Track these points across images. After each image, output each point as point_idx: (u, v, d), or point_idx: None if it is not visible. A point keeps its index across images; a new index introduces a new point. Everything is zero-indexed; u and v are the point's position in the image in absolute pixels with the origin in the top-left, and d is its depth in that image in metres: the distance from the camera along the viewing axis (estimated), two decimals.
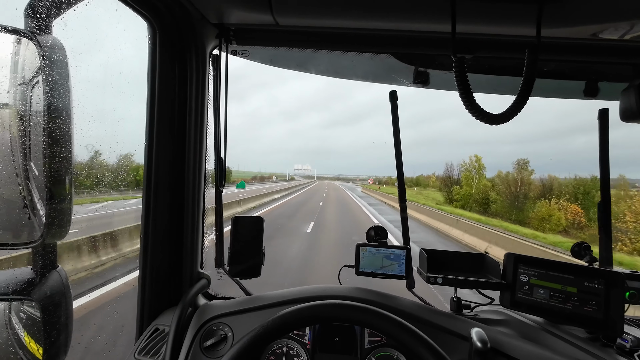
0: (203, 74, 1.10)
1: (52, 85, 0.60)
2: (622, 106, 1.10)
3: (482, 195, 43.34)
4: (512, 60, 1.05)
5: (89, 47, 0.81)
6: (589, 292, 0.91)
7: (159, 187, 1.05)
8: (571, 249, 1.16)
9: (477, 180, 46.95)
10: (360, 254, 1.16)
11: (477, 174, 47.98)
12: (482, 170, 48.32)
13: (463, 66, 0.79)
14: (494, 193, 41.97)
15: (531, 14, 0.78)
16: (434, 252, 1.17)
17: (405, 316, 0.76)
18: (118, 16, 0.85)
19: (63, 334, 0.71)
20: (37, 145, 0.63)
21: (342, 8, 0.88)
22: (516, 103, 0.79)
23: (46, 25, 0.64)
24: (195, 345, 0.99)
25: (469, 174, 48.53)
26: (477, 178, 47.36)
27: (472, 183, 47.05)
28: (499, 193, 41.15)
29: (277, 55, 1.21)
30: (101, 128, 0.96)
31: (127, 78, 1.16)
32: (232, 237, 1.11)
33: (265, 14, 0.92)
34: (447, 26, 0.80)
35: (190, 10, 0.98)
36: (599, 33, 0.88)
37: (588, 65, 1.08)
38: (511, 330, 1.00)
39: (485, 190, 43.77)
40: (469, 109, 0.79)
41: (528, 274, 0.99)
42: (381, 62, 1.15)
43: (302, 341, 1.02)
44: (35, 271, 0.71)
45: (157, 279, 1.09)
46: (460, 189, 47.67)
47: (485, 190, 43.61)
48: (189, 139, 1.09)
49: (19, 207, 0.71)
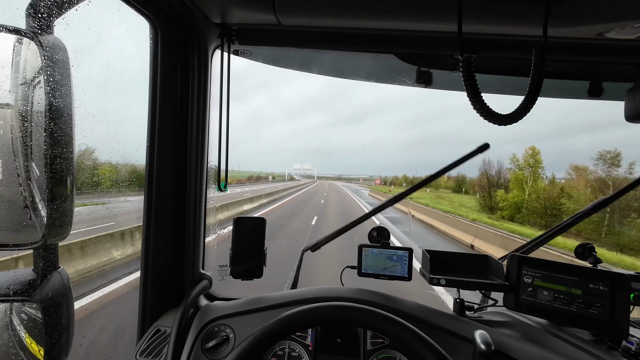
0: (205, 74, 1.10)
1: (53, 85, 0.60)
2: (627, 106, 1.09)
3: (544, 203, 31.05)
4: (516, 60, 1.05)
5: (90, 47, 0.81)
6: (594, 294, 0.90)
7: (160, 187, 1.05)
8: (575, 250, 1.15)
9: (530, 181, 34.80)
10: (363, 255, 1.15)
11: (532, 174, 35.43)
12: (539, 168, 35.32)
13: (471, 66, 0.78)
14: (570, 201, 28.92)
15: (538, 14, 0.77)
16: (437, 253, 1.16)
17: (407, 318, 0.76)
18: (120, 16, 0.85)
19: (64, 335, 0.71)
20: (38, 145, 0.63)
21: (346, 8, 0.87)
22: (525, 103, 0.78)
23: (48, 25, 0.64)
24: (197, 346, 0.99)
25: (519, 174, 35.72)
26: (532, 179, 35.21)
27: (525, 186, 34.63)
28: (576, 201, 28.29)
29: (280, 55, 1.21)
30: (103, 128, 0.96)
31: (128, 78, 1.16)
32: (233, 238, 1.10)
33: (268, 13, 0.91)
34: (451, 26, 0.80)
35: (192, 10, 0.97)
36: (605, 33, 0.87)
37: (593, 65, 1.07)
38: (515, 332, 0.99)
39: (551, 196, 31.24)
40: (478, 110, 0.78)
41: (532, 275, 0.98)
42: (384, 62, 1.15)
43: (304, 343, 1.01)
44: (36, 272, 0.70)
45: (159, 279, 1.08)
46: (506, 193, 35.73)
47: (551, 197, 30.94)
48: (190, 139, 1.09)
49: (20, 207, 0.70)
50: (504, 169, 41.35)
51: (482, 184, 42.53)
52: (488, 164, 43.14)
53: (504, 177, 41.20)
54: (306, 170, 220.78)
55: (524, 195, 33.14)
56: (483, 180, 43.03)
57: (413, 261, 1.14)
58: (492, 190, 39.00)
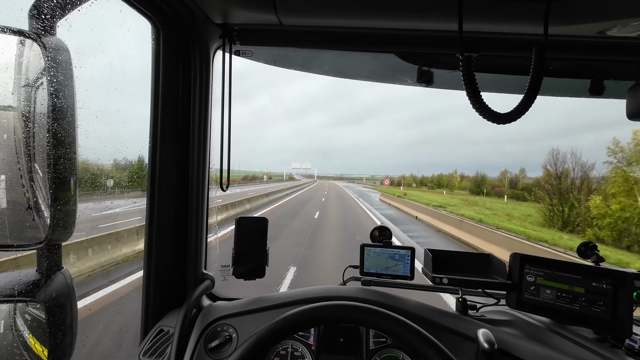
0: (207, 74, 1.10)
1: (56, 86, 0.60)
2: (628, 105, 1.08)
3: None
4: (516, 59, 1.04)
5: (93, 48, 0.81)
6: (597, 292, 0.90)
7: (163, 188, 1.05)
8: (577, 248, 1.14)
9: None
10: (365, 254, 1.15)
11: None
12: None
13: (471, 65, 0.78)
14: None
15: (538, 12, 0.77)
16: (439, 252, 1.16)
17: (410, 317, 0.76)
18: (122, 17, 0.85)
19: (68, 336, 0.71)
20: (41, 146, 0.63)
21: (347, 7, 0.88)
22: (524, 102, 0.78)
23: (50, 27, 0.64)
24: (200, 346, 0.99)
25: (626, 174, 22.12)
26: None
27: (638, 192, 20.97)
28: None
29: (280, 55, 1.21)
30: (105, 129, 0.96)
31: (131, 79, 1.16)
32: (236, 238, 1.11)
33: (269, 13, 0.91)
34: (451, 25, 0.80)
35: (194, 11, 0.97)
36: (606, 31, 0.87)
37: (594, 63, 1.07)
38: (518, 331, 0.99)
39: None
40: (477, 109, 0.78)
41: (534, 274, 0.98)
42: (385, 61, 1.15)
43: (306, 342, 1.01)
44: (40, 273, 0.70)
45: (162, 280, 1.09)
46: (603, 201, 22.40)
47: None
48: (192, 139, 1.09)
49: (24, 208, 0.70)
50: (589, 165, 27.23)
51: (549, 187, 28.11)
52: (557, 156, 28.69)
53: (590, 177, 27.58)
54: (305, 170, 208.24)
55: (636, 203, 20.48)
56: (551, 180, 28.69)
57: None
58: (571, 195, 25.76)
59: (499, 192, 59.65)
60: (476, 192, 61.51)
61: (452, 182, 72.92)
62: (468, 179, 67.82)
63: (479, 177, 55.27)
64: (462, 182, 67.73)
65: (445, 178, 79.98)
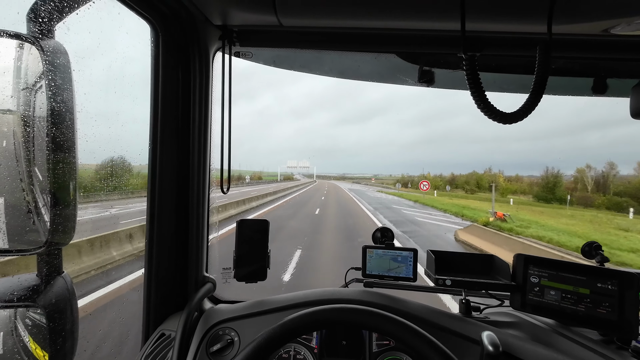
0: (206, 76, 1.09)
1: (55, 90, 0.60)
2: (632, 103, 1.07)
3: None
4: (520, 58, 1.04)
5: (91, 51, 0.80)
6: (602, 293, 0.89)
7: (163, 190, 1.04)
8: (581, 248, 1.13)
9: None
10: (367, 256, 1.14)
11: None
12: None
13: (474, 65, 0.77)
14: None
15: (542, 10, 0.77)
16: (442, 253, 1.15)
17: (413, 319, 0.75)
18: (120, 19, 0.85)
19: (69, 341, 0.70)
20: (40, 150, 0.63)
21: (347, 7, 0.87)
22: (530, 101, 0.77)
23: (49, 30, 0.64)
24: (202, 350, 0.98)
25: None
26: None
27: None
28: None
29: (281, 56, 1.20)
30: (105, 132, 0.96)
31: (130, 82, 1.16)
32: (237, 240, 1.10)
33: (269, 14, 0.91)
34: (453, 24, 0.79)
35: (193, 12, 0.97)
36: (610, 29, 0.86)
37: (598, 61, 1.06)
38: (522, 332, 0.98)
39: None
40: (481, 108, 0.77)
41: (538, 275, 0.97)
42: (385, 61, 1.14)
43: (309, 345, 1.01)
44: (40, 277, 0.70)
45: (163, 283, 1.08)
46: None
47: None
48: (193, 141, 1.09)
49: (23, 212, 0.70)
50: None
51: None
52: None
53: None
54: (303, 169, 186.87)
55: None
56: None
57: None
58: None
59: (584, 200, 41.81)
60: (546, 198, 42.10)
61: (498, 183, 51.87)
62: (517, 179, 48.84)
63: (550, 176, 36.84)
64: (511, 184, 49.97)
65: (485, 178, 60.95)
